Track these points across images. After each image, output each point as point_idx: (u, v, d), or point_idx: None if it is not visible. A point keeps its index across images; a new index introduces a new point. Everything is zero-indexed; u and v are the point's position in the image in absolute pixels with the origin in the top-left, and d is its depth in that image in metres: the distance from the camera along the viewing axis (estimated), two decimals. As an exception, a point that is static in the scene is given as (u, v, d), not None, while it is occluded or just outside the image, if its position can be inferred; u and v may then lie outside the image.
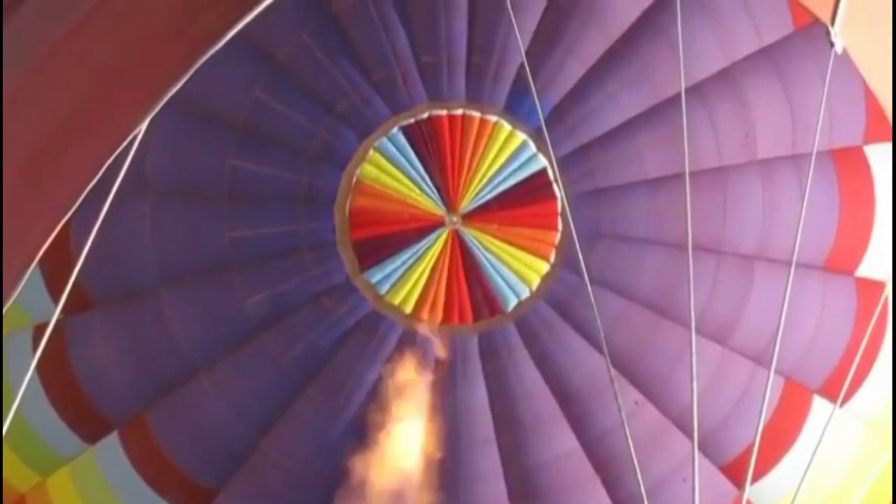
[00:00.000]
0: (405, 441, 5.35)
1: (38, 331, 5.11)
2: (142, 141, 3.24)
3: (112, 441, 5.43)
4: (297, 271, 5.47)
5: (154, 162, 5.37)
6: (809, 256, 5.40)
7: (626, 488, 5.10)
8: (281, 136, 5.49)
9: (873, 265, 5.42)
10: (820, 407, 5.26)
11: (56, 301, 4.73)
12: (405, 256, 5.48)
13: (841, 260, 5.46)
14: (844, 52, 4.66)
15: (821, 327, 5.43)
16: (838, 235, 5.46)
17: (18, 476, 5.47)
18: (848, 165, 5.51)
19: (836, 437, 5.31)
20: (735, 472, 5.23)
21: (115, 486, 5.44)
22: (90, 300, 5.41)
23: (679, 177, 5.15)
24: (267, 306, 5.44)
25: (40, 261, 5.29)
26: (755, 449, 3.23)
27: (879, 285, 5.19)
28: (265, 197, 5.49)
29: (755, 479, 5.33)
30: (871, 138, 5.50)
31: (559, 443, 5.44)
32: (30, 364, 4.30)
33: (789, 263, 4.37)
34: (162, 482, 5.44)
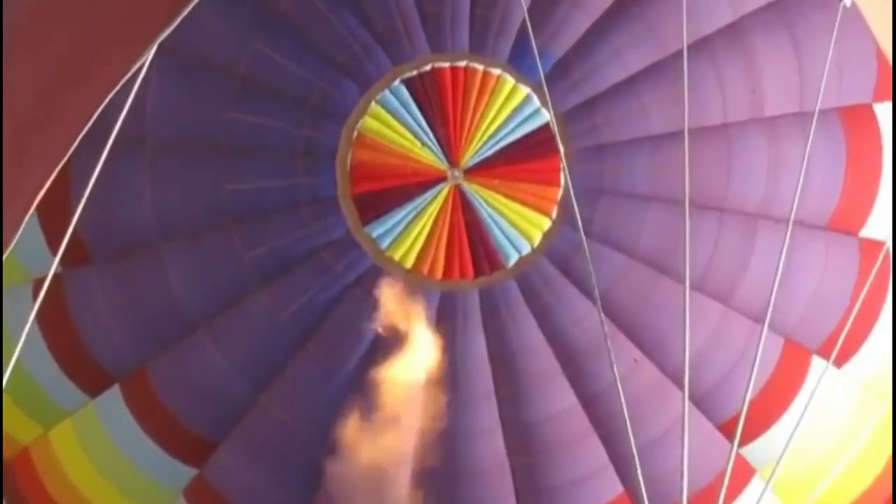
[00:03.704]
0: (404, 396, 5.49)
1: (38, 284, 5.22)
2: (140, 94, 3.34)
3: (114, 394, 5.56)
4: (296, 225, 5.53)
5: (153, 115, 5.43)
6: (813, 215, 5.48)
7: (624, 444, 5.23)
8: (281, 88, 5.54)
9: (878, 225, 5.50)
10: (818, 367, 5.37)
11: (55, 254, 4.85)
12: (406, 211, 5.54)
13: (845, 219, 5.54)
14: (854, 6, 4.70)
15: (822, 288, 5.53)
16: (843, 194, 5.53)
17: (22, 428, 5.61)
18: (856, 123, 5.56)
19: (832, 397, 5.44)
20: (733, 430, 5.35)
21: (116, 438, 5.57)
22: (90, 254, 5.50)
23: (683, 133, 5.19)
24: (266, 261, 5.51)
25: (40, 214, 5.47)
26: (743, 411, 3.35)
27: (883, 246, 5.28)
28: (264, 150, 5.55)
29: (753, 437, 5.47)
30: (880, 96, 5.55)
31: (558, 399, 5.56)
32: (30, 317, 4.43)
33: (792, 222, 4.47)
34: (164, 435, 5.57)
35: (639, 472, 4.08)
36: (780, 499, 5.47)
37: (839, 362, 5.44)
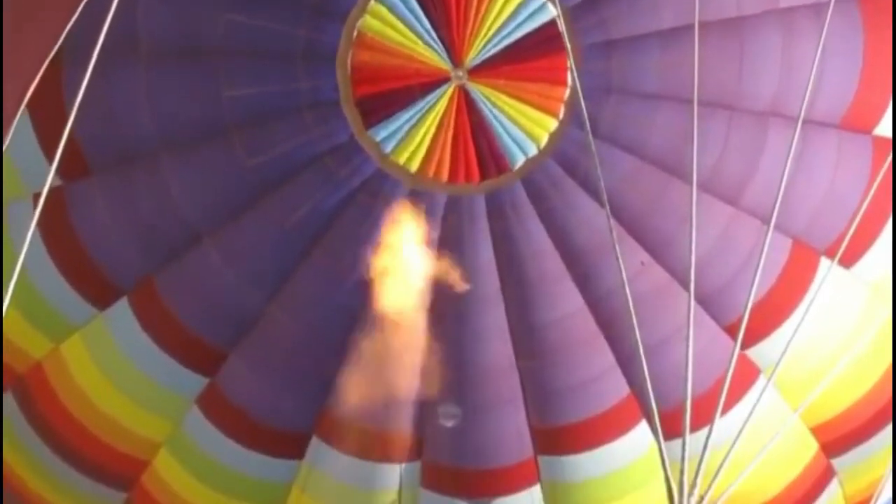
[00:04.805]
0: (410, 301, 5.60)
1: (38, 199, 5.30)
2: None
3: (122, 306, 5.69)
4: (299, 131, 5.55)
5: (145, 19, 5.42)
6: (826, 112, 5.47)
7: (630, 346, 5.34)
8: (278, -14, 5.53)
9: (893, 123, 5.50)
10: (826, 268, 5.42)
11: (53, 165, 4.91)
12: (410, 113, 5.53)
13: (860, 116, 5.52)
14: None
15: (833, 188, 5.54)
16: (859, 90, 5.50)
17: (33, 343, 5.76)
18: (875, 16, 5.50)
19: (840, 298, 5.53)
20: (738, 332, 5.45)
21: (127, 350, 5.72)
22: (89, 166, 5.56)
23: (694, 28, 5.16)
24: (269, 168, 5.55)
25: (36, 127, 5.52)
26: (745, 314, 3.44)
27: (898, 144, 5.29)
28: (263, 53, 5.53)
29: (759, 338, 5.58)
30: (902, -18, 5.48)
31: (565, 301, 5.65)
32: (31, 226, 4.50)
33: (804, 120, 4.48)
34: (174, 345, 5.71)
35: (645, 372, 4.21)
36: (785, 398, 5.61)
37: (848, 263, 5.51)
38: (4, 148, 3.62)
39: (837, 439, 5.83)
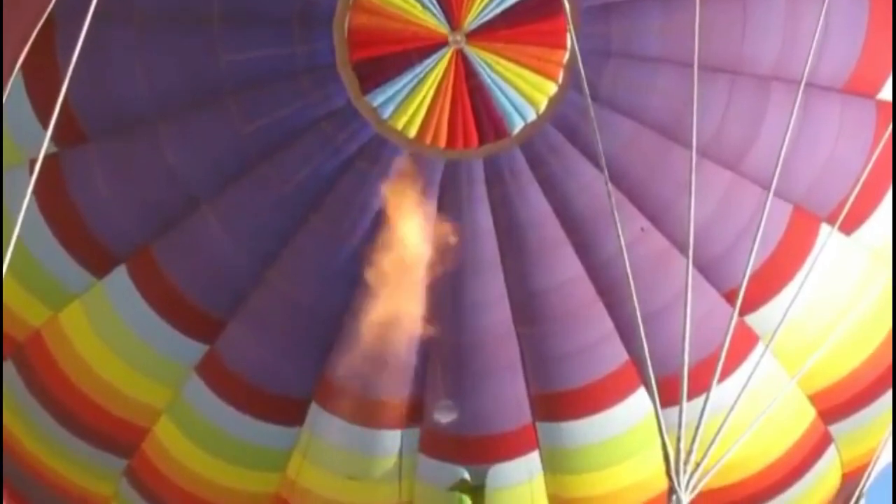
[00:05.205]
0: (409, 267, 5.62)
1: (35, 165, 5.31)
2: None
3: (121, 274, 5.71)
4: (295, 96, 5.52)
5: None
6: (829, 76, 5.44)
7: (629, 313, 5.35)
8: (274, -51, 5.49)
9: (897, 87, 5.47)
10: (827, 235, 5.43)
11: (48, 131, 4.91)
12: (408, 78, 5.50)
13: (863, 80, 5.49)
14: None
15: (835, 153, 5.53)
16: (863, 54, 5.46)
17: (32, 311, 5.79)
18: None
19: (841, 265, 5.53)
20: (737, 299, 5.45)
21: (126, 317, 5.75)
22: (84, 132, 5.55)
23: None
24: (266, 133, 5.54)
25: (31, 94, 5.50)
26: (744, 282, 3.45)
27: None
28: (259, 16, 5.49)
29: (758, 305, 5.60)
30: (909, -56, 5.43)
31: (564, 268, 5.66)
32: (30, 199, 4.51)
33: (806, 84, 4.46)
34: (173, 313, 5.73)
35: (643, 340, 4.22)
36: (783, 365, 5.63)
37: (848, 229, 5.50)
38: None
39: (836, 406, 5.87)
